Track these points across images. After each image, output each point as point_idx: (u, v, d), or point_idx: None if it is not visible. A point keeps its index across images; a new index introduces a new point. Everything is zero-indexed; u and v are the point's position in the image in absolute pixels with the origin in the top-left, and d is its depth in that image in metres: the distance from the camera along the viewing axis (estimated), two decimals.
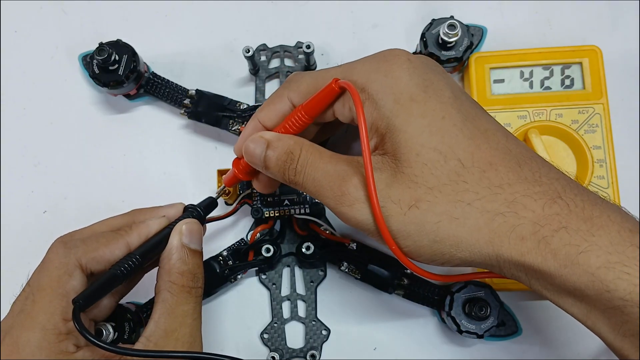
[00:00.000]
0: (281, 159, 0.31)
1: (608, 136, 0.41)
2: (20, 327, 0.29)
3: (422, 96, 0.28)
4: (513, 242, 0.26)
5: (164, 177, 0.45)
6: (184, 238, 0.32)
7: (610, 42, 0.43)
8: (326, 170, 0.29)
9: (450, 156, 0.27)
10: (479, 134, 0.28)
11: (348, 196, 0.28)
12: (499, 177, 0.26)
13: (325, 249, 0.40)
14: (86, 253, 0.31)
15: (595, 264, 0.25)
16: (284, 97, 0.33)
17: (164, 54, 0.46)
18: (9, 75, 0.47)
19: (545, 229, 0.26)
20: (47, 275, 0.30)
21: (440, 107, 0.28)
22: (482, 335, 0.38)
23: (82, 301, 0.28)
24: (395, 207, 0.27)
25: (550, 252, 0.25)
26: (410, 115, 0.28)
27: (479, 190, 0.26)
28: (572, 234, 0.25)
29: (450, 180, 0.27)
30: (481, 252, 0.27)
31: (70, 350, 0.29)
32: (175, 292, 0.30)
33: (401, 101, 0.28)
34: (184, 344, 0.30)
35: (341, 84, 0.29)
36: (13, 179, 0.45)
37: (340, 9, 0.47)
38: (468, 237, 0.26)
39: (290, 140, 0.31)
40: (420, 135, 0.27)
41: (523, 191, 0.26)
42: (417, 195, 0.27)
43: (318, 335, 0.41)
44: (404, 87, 0.28)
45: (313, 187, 0.30)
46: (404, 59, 0.29)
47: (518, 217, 0.26)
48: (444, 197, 0.27)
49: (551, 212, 0.26)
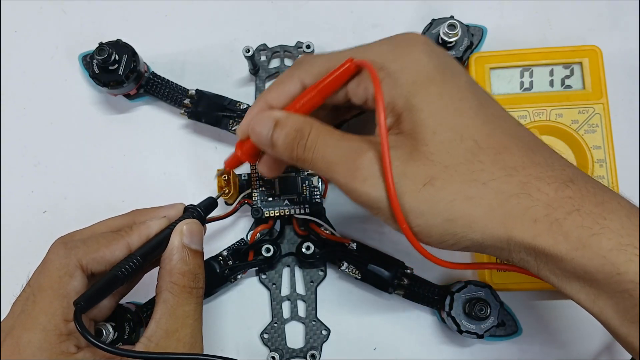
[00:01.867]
0: (290, 136, 0.30)
1: (608, 136, 0.41)
2: (21, 327, 0.29)
3: (440, 78, 0.28)
4: (526, 224, 0.26)
5: (164, 177, 0.45)
6: (185, 238, 0.32)
7: (610, 42, 0.43)
8: (339, 146, 0.29)
9: (467, 136, 0.27)
10: (493, 119, 0.28)
11: (362, 170, 0.28)
12: (513, 160, 0.27)
13: (325, 249, 0.40)
14: (87, 254, 0.30)
15: (607, 246, 0.25)
16: (295, 78, 0.32)
17: (164, 54, 0.46)
18: (9, 75, 0.47)
19: (558, 212, 0.26)
20: (47, 276, 0.30)
21: (457, 90, 0.28)
22: (482, 335, 0.38)
23: (83, 303, 0.28)
24: (410, 184, 0.27)
25: (562, 234, 0.25)
26: (429, 95, 0.28)
27: (494, 170, 0.26)
28: (584, 217, 0.25)
29: (466, 160, 0.27)
30: (493, 234, 0.27)
31: (71, 351, 0.29)
32: (176, 293, 0.30)
33: (419, 81, 0.28)
34: (185, 345, 0.30)
35: (358, 62, 0.29)
36: (13, 179, 0.45)
37: (340, 9, 0.47)
38: (481, 217, 0.26)
39: (300, 118, 0.30)
40: (437, 115, 0.27)
41: (536, 174, 0.26)
42: (432, 172, 0.27)
43: (318, 335, 0.41)
44: (423, 67, 0.28)
45: (323, 164, 0.29)
46: (422, 41, 0.29)
47: (532, 199, 0.26)
48: (459, 176, 0.27)
49: (564, 195, 0.26)
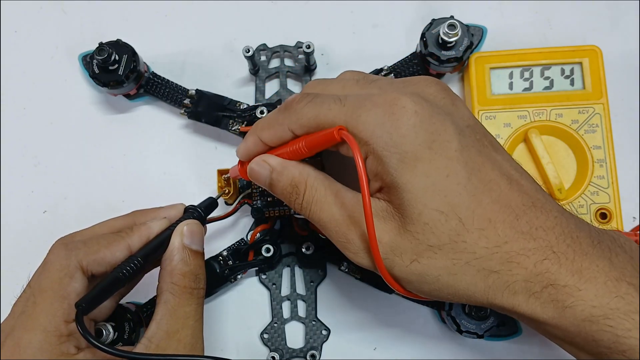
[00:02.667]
0: (286, 190, 0.32)
1: (608, 136, 0.41)
2: (21, 328, 0.29)
3: (427, 154, 0.28)
4: (506, 295, 0.28)
5: (164, 177, 0.45)
6: (185, 239, 0.32)
7: (610, 42, 0.43)
8: (331, 213, 0.30)
9: (451, 216, 0.28)
10: (481, 188, 0.28)
11: (353, 244, 0.30)
12: (497, 236, 0.28)
13: (325, 249, 0.40)
14: (87, 255, 0.31)
15: (580, 317, 0.27)
16: (284, 127, 0.31)
17: (164, 54, 0.46)
18: (9, 75, 0.47)
19: (535, 286, 0.27)
20: (48, 277, 0.30)
21: (445, 165, 0.28)
22: (482, 335, 0.38)
23: (84, 304, 0.28)
24: (398, 260, 0.29)
25: (539, 305, 0.27)
26: (415, 176, 0.28)
27: (476, 249, 0.28)
28: (559, 290, 0.27)
29: (450, 240, 0.28)
30: (476, 300, 0.29)
31: (71, 352, 0.29)
32: (177, 294, 0.30)
33: (406, 160, 0.28)
34: (185, 346, 0.30)
35: (344, 137, 0.28)
36: (13, 179, 0.45)
37: (340, 9, 0.47)
38: (465, 290, 0.29)
39: (295, 170, 0.31)
40: (423, 196, 0.28)
41: (518, 249, 0.28)
42: (418, 251, 0.28)
43: (318, 335, 0.41)
44: (410, 146, 0.28)
45: (319, 225, 0.31)
46: (411, 112, 0.28)
47: (512, 275, 0.28)
48: (443, 255, 0.28)
49: (542, 269, 0.27)
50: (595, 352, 0.27)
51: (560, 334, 0.28)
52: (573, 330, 0.27)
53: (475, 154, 0.29)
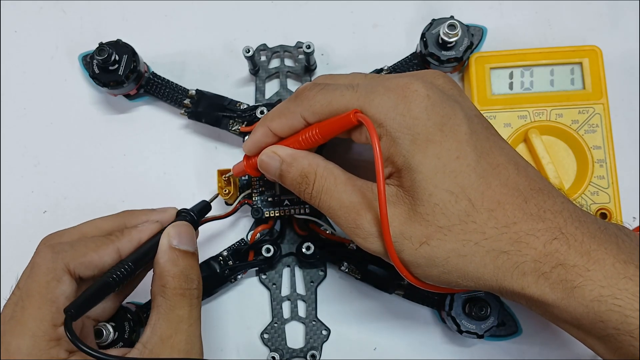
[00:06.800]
0: (296, 180, 0.32)
1: (608, 136, 0.41)
2: (10, 334, 0.28)
3: (438, 136, 0.29)
4: (515, 277, 0.28)
5: (164, 177, 0.45)
6: (173, 240, 0.31)
7: (610, 42, 0.43)
8: (341, 200, 0.31)
9: (461, 196, 0.28)
10: (490, 171, 0.29)
11: (362, 230, 0.30)
12: (506, 217, 0.28)
13: (325, 249, 0.40)
14: (74, 258, 0.30)
15: (589, 297, 0.27)
16: (297, 114, 0.32)
17: (164, 54, 0.46)
18: (9, 75, 0.47)
19: (545, 266, 0.28)
20: (35, 281, 0.29)
21: (455, 147, 0.29)
22: (482, 335, 0.38)
23: (73, 310, 0.28)
24: (407, 243, 0.29)
25: (548, 286, 0.28)
26: (426, 157, 0.28)
27: (486, 230, 0.28)
28: (568, 270, 0.27)
29: (460, 221, 0.28)
30: (485, 284, 0.29)
31: (61, 356, 0.29)
32: (168, 296, 0.30)
33: (418, 141, 0.29)
34: (179, 352, 0.29)
35: (360, 118, 0.29)
36: (13, 179, 0.45)
37: (340, 9, 0.47)
38: (474, 272, 0.29)
39: (305, 160, 0.32)
40: (434, 177, 0.28)
41: (527, 229, 0.28)
42: (428, 232, 0.29)
43: (318, 335, 0.41)
44: (422, 127, 0.29)
45: (328, 213, 0.32)
46: (423, 95, 0.29)
47: (521, 255, 0.28)
48: (453, 236, 0.28)
49: (551, 249, 0.28)
50: (603, 335, 0.27)
51: (567, 317, 0.28)
52: (581, 311, 0.27)
53: (483, 139, 0.30)
